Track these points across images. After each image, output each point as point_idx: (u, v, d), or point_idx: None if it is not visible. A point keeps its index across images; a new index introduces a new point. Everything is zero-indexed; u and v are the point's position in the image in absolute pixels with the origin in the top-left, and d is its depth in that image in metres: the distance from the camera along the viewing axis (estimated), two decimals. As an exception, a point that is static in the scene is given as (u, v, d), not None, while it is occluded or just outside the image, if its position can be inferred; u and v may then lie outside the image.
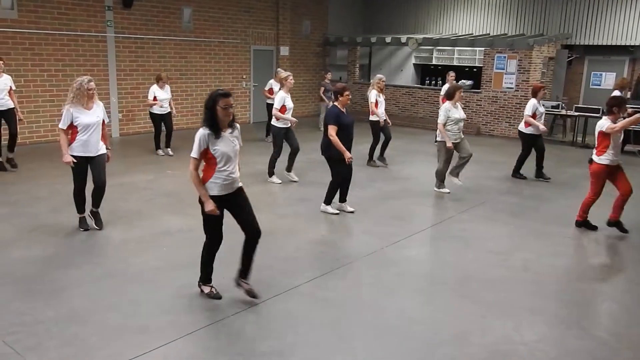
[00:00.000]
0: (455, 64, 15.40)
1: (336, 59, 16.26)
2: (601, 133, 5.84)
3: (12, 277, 4.51)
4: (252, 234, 4.09)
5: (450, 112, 7.28)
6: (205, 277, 4.27)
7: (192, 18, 12.61)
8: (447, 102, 7.38)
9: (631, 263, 5.39)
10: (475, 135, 8.88)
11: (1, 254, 5.02)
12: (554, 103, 12.75)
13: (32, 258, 4.94)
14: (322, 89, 13.30)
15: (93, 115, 5.36)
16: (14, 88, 8.04)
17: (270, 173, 8.04)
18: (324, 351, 3.58)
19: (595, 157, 5.95)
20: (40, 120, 10.41)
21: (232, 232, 4.20)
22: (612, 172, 5.92)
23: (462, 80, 14.65)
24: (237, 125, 4.07)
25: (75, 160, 5.33)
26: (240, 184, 4.11)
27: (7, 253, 5.04)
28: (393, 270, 4.96)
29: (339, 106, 6.30)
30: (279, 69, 10.78)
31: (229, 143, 3.93)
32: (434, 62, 15.85)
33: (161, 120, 9.62)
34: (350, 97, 6.39)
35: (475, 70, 14.81)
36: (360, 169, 9.13)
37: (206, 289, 4.26)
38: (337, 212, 6.51)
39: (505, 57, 13.15)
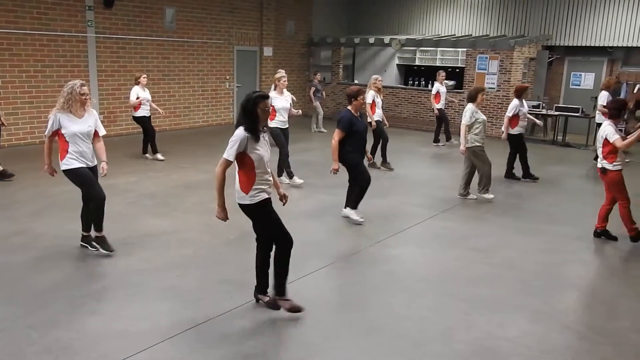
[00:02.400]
0: (438, 64, 15.50)
1: (320, 60, 16.27)
2: (607, 140, 5.55)
3: (-9, 282, 4.42)
4: (286, 240, 3.92)
5: (477, 113, 7.06)
6: (262, 286, 4.11)
7: (174, 18, 12.51)
8: (471, 103, 7.13)
9: (610, 259, 5.48)
10: (459, 134, 8.93)
11: (-20, 258, 4.91)
12: (535, 103, 12.92)
13: (12, 263, 4.85)
14: (313, 89, 13.27)
15: (84, 124, 4.79)
16: None
17: (290, 174, 7.70)
18: (310, 351, 3.57)
19: (608, 166, 5.61)
20: (19, 122, 10.23)
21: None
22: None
23: (445, 81, 14.74)
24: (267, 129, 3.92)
25: (56, 172, 5.00)
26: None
27: (-15, 257, 4.94)
28: (378, 269, 4.97)
29: (352, 110, 5.95)
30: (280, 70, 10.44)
31: (265, 147, 3.80)
32: (417, 62, 15.94)
33: (148, 123, 9.29)
34: (364, 100, 5.91)
35: (457, 70, 14.93)
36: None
37: (265, 298, 4.09)
38: (362, 220, 6.18)
39: (487, 57, 13.28)
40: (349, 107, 5.98)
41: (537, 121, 8.24)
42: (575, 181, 8.90)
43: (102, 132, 5.03)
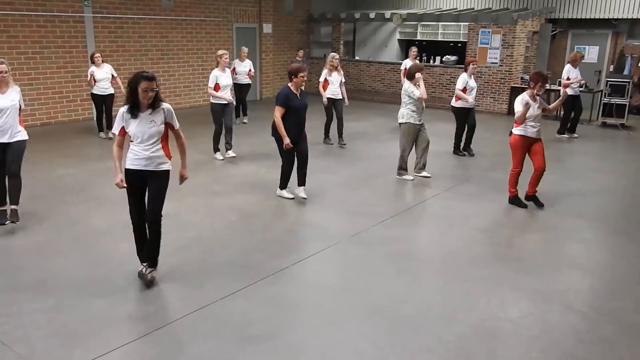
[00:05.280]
0: (440, 39, 15.31)
1: (320, 36, 16.06)
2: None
3: (-4, 267, 4.46)
4: (146, 219, 4.23)
5: (412, 92, 6.87)
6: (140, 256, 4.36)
7: (172, -4, 12.32)
8: (407, 81, 7.01)
9: (611, 237, 5.49)
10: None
11: (-16, 243, 4.95)
12: (538, 77, 12.77)
13: (16, 248, 4.89)
14: None
15: (7, 99, 5.17)
16: None
17: (215, 149, 8.27)
18: (312, 334, 3.61)
19: (513, 129, 6.11)
20: (19, 104, 10.18)
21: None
22: (530, 144, 6.06)
23: (447, 56, 14.58)
24: (165, 106, 4.07)
25: None
26: (162, 167, 4.11)
27: (-11, 242, 4.97)
28: (379, 250, 4.99)
29: (292, 88, 6.02)
30: (242, 47, 11.20)
31: (144, 124, 3.99)
32: (419, 37, 15.72)
33: (102, 102, 9.38)
34: (305, 78, 6.01)
35: (460, 45, 14.74)
36: (346, 148, 9.11)
37: (139, 269, 4.33)
38: (292, 196, 6.31)
39: (489, 32, 13.09)
40: (289, 84, 6.07)
41: (470, 99, 8.35)
42: (576, 158, 8.85)
43: (22, 106, 5.41)
